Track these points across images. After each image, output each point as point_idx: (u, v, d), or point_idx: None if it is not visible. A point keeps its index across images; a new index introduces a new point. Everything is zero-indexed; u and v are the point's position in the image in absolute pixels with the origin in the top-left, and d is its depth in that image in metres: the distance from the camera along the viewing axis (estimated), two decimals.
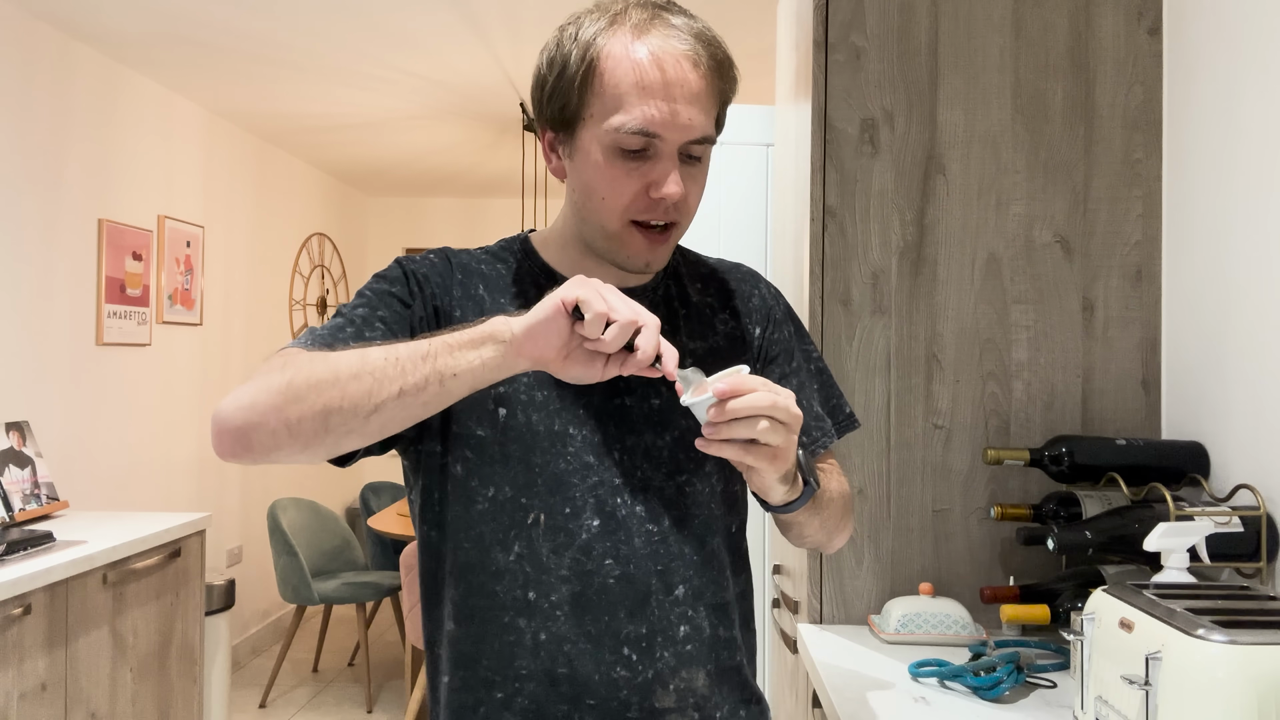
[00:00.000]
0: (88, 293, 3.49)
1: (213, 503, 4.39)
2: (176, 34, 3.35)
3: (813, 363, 1.18)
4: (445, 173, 5.71)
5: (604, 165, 0.99)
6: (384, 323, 1.01)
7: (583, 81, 0.99)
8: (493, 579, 1.02)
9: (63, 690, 2.36)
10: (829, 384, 1.19)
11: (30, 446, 2.91)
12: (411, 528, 3.72)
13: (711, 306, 1.14)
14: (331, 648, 4.82)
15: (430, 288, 1.06)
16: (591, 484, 1.02)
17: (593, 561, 1.01)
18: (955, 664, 1.42)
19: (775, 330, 1.16)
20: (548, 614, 1.01)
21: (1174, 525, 1.25)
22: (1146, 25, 1.73)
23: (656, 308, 1.08)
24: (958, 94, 1.74)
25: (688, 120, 0.97)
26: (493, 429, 1.03)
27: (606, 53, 0.98)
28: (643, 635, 1.01)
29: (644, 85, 0.96)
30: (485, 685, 1.03)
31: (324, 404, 0.88)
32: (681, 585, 1.04)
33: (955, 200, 1.74)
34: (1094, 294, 1.73)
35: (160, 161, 4.00)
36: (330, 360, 0.90)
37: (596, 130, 0.99)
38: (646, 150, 0.98)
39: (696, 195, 1.03)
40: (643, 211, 1.00)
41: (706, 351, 1.10)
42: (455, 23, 3.21)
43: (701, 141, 1.00)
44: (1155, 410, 1.72)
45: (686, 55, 0.97)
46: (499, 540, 1.02)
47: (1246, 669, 0.93)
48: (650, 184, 0.99)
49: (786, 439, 0.88)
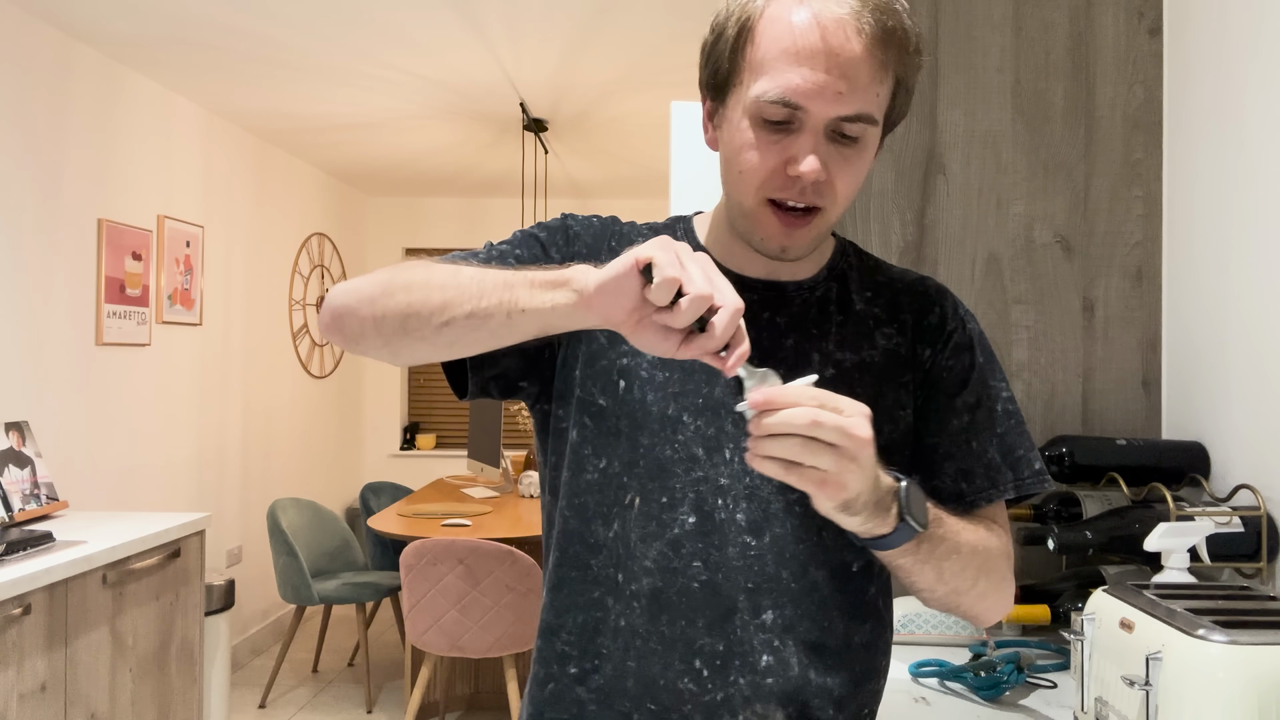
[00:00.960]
0: (87, 293, 3.49)
1: (213, 503, 4.39)
2: (176, 34, 3.35)
3: (999, 403, 1.01)
4: (445, 173, 5.71)
5: (746, 135, 0.91)
6: (517, 259, 0.99)
7: (735, 46, 0.91)
8: (589, 551, 0.98)
9: (62, 690, 2.36)
10: (1017, 431, 1.01)
11: (30, 446, 2.91)
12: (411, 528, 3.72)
13: (877, 318, 1.02)
14: (331, 648, 4.82)
15: (579, 245, 1.02)
16: (695, 478, 0.96)
17: (680, 559, 0.95)
18: (955, 664, 1.42)
19: (952, 356, 1.01)
20: (629, 601, 0.96)
21: (1174, 525, 1.25)
22: (1147, 25, 1.73)
23: (809, 309, 1.00)
24: (958, 94, 1.74)
25: (838, 92, 0.87)
26: (613, 400, 0.98)
27: (764, 16, 0.90)
28: (719, 652, 0.94)
29: (793, 51, 0.87)
30: (560, 659, 0.99)
31: (407, 304, 0.88)
32: (771, 610, 0.95)
33: (955, 200, 1.74)
34: (1094, 294, 1.73)
35: (160, 161, 4.00)
36: (433, 268, 0.90)
37: (743, 98, 0.91)
38: (790, 123, 0.89)
39: (848, 180, 0.92)
40: (779, 189, 0.91)
41: (856, 365, 0.99)
42: (455, 23, 3.21)
43: (855, 119, 0.89)
44: (1155, 410, 1.72)
45: (846, 21, 0.87)
46: (601, 514, 0.98)
47: (1247, 669, 0.93)
48: (789, 159, 0.89)
49: (837, 464, 0.76)
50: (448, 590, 3.23)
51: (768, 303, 1.00)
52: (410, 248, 6.56)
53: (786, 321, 0.99)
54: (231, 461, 4.64)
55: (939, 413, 1.00)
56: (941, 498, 0.97)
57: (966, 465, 0.99)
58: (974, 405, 1.00)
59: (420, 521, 3.84)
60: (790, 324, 0.99)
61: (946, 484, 0.99)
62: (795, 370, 0.94)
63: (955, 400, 1.00)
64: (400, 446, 6.56)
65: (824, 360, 0.98)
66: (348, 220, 6.24)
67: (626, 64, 3.62)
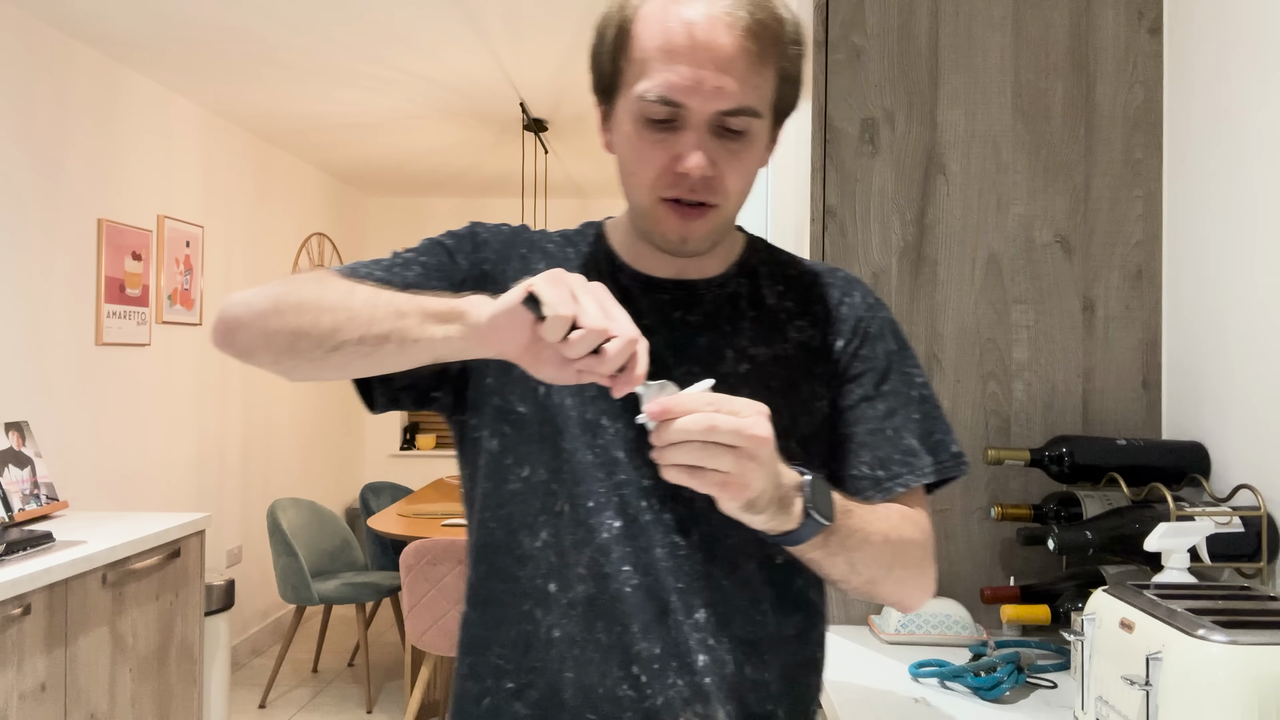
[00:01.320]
0: (87, 293, 3.49)
1: (213, 503, 4.39)
2: (176, 34, 3.35)
3: (915, 389, 1.02)
4: (445, 173, 5.71)
5: (633, 136, 0.92)
6: (423, 267, 0.99)
7: (615, 48, 0.92)
8: (517, 563, 0.97)
9: (62, 690, 2.36)
10: (933, 416, 1.02)
11: (30, 446, 2.91)
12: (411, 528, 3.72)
13: (789, 311, 1.02)
14: (331, 648, 4.82)
15: (486, 252, 1.02)
16: (617, 481, 0.95)
17: (610, 564, 0.94)
18: (955, 664, 1.42)
19: (865, 345, 1.02)
20: (564, 611, 0.95)
21: (1174, 525, 1.25)
22: (1147, 25, 1.73)
23: (720, 306, 1.00)
24: (958, 94, 1.74)
25: (716, 87, 0.87)
26: (533, 406, 0.97)
27: (640, 15, 0.91)
28: (655, 656, 0.93)
29: (668, 49, 0.88)
30: (494, 674, 0.97)
31: (296, 325, 0.87)
32: (704, 609, 0.94)
33: (955, 200, 1.74)
34: (1094, 294, 1.73)
35: (160, 161, 4.00)
36: (327, 285, 0.89)
37: (627, 99, 0.92)
38: (673, 120, 0.89)
39: (738, 174, 0.92)
40: (669, 187, 0.91)
41: (770, 359, 0.99)
42: (455, 23, 3.21)
43: (737, 113, 0.89)
44: (1155, 410, 1.72)
45: (718, 17, 0.87)
46: (526, 524, 0.96)
47: (1247, 669, 0.93)
48: (675, 157, 0.90)
49: (736, 464, 0.77)
50: (448, 590, 3.23)
51: (679, 301, 1.00)
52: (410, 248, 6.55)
53: (699, 320, 1.00)
54: (231, 461, 4.64)
55: (855, 402, 1.00)
56: (861, 486, 0.98)
57: (884, 452, 0.99)
58: (889, 393, 1.01)
59: (420, 521, 3.84)
60: (703, 322, 0.99)
61: (864, 471, 0.99)
62: (710, 368, 0.96)
63: (870, 389, 1.00)
64: (400, 446, 6.56)
65: (738, 356, 0.98)
66: (348, 220, 6.24)
67: None
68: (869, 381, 1.01)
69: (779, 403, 0.93)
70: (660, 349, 0.80)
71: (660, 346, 0.81)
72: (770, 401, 0.93)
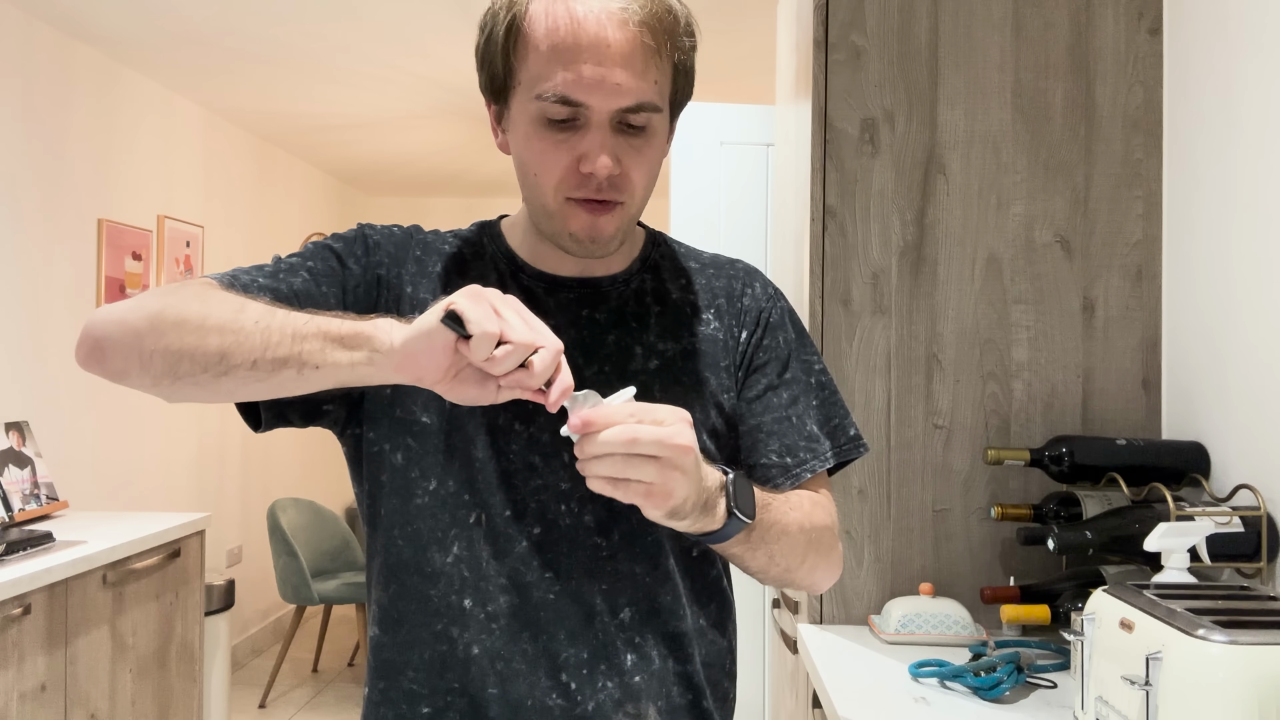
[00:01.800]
0: (88, 293, 3.49)
1: (213, 503, 4.39)
2: (176, 34, 3.35)
3: (813, 375, 1.04)
4: (445, 173, 5.71)
5: (533, 137, 0.90)
6: (310, 273, 0.93)
7: (506, 47, 0.89)
8: (427, 582, 0.93)
9: (62, 690, 2.36)
10: (831, 401, 1.04)
11: (30, 446, 2.91)
12: None
13: (693, 305, 1.02)
14: (331, 648, 4.82)
15: (379, 255, 0.98)
16: (534, 486, 0.93)
17: (532, 573, 0.92)
18: (955, 664, 1.42)
19: (767, 335, 1.03)
20: (483, 626, 0.92)
21: (1174, 525, 1.25)
22: (1146, 25, 1.73)
23: (626, 303, 1.00)
24: (958, 94, 1.74)
25: (615, 84, 0.86)
26: (439, 415, 0.93)
27: (529, 14, 0.88)
28: (584, 661, 0.92)
29: (564, 47, 0.86)
30: (409, 699, 0.94)
31: (179, 347, 0.80)
32: (628, 608, 0.93)
33: (955, 200, 1.74)
34: (1094, 294, 1.73)
35: (160, 161, 4.00)
36: (210, 303, 0.82)
37: (524, 99, 0.89)
38: (575, 120, 0.88)
39: (643, 170, 0.91)
40: (575, 188, 0.90)
41: (679, 354, 0.99)
42: (455, 23, 3.21)
43: (638, 109, 0.88)
44: (1155, 410, 1.72)
45: (611, 13, 0.86)
46: (436, 539, 0.93)
47: (1247, 669, 0.93)
48: (580, 157, 0.88)
49: (660, 474, 0.76)
50: None
51: (585, 300, 0.99)
52: None
53: (606, 317, 0.98)
54: (231, 461, 4.64)
55: (761, 392, 1.01)
56: (770, 474, 0.99)
57: (789, 440, 1.00)
58: (791, 381, 1.02)
59: None
60: (610, 319, 0.98)
61: (772, 459, 1.00)
62: (620, 365, 0.96)
63: (773, 379, 1.01)
64: None
65: (646, 352, 0.98)
66: (348, 220, 6.23)
67: None
68: (772, 371, 1.02)
69: (690, 397, 0.97)
70: (570, 349, 0.79)
71: (570, 346, 0.80)
72: (681, 396, 0.95)
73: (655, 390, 0.96)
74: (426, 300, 0.96)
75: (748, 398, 1.01)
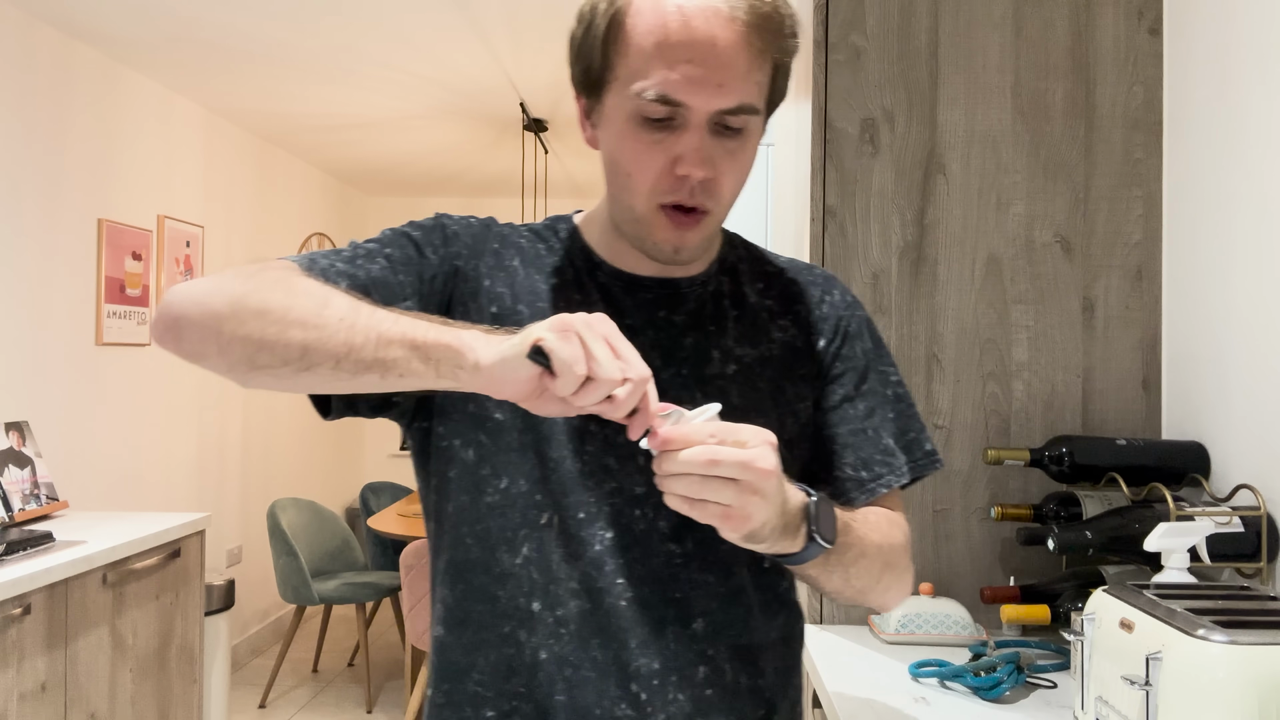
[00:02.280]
0: (87, 293, 3.49)
1: (213, 503, 4.39)
2: (176, 34, 3.35)
3: (890, 387, 1.02)
4: (445, 173, 5.71)
5: (628, 136, 0.87)
6: (388, 259, 0.92)
7: (606, 38, 0.86)
8: (495, 582, 0.91)
9: (62, 690, 2.36)
10: (908, 414, 1.02)
11: (30, 446, 2.91)
12: (411, 528, 3.72)
13: (771, 310, 1.00)
14: (331, 648, 4.82)
15: (457, 246, 0.97)
16: (609, 489, 0.90)
17: (604, 578, 0.89)
18: (955, 664, 1.42)
19: (845, 345, 1.00)
20: (551, 630, 0.89)
21: (1174, 525, 1.25)
22: (1146, 25, 1.73)
23: (704, 305, 0.97)
24: (958, 94, 1.74)
25: (718, 84, 0.83)
26: (513, 412, 0.90)
27: (634, 6, 0.85)
28: (655, 671, 0.89)
29: (668, 44, 0.82)
30: (473, 703, 0.92)
31: (260, 338, 0.78)
32: (701, 618, 0.91)
33: (955, 200, 1.74)
34: (1094, 294, 1.73)
35: (160, 161, 4.00)
36: (295, 292, 0.80)
37: (621, 95, 0.86)
38: (673, 119, 0.84)
39: (733, 176, 0.89)
40: (669, 192, 0.87)
41: (756, 360, 0.97)
42: (455, 23, 3.21)
43: (738, 111, 0.85)
44: (1155, 410, 1.72)
45: (719, 10, 0.82)
46: (506, 539, 0.91)
47: (1247, 669, 0.93)
48: (676, 159, 0.86)
49: (738, 498, 0.75)
50: None
51: (662, 301, 0.97)
52: None
53: (684, 319, 0.97)
54: (231, 461, 4.64)
55: (837, 403, 0.99)
56: (844, 488, 0.98)
57: (866, 454, 0.98)
58: (868, 393, 1.00)
59: (420, 521, 3.83)
60: (687, 321, 0.97)
61: (847, 473, 0.98)
62: (697, 368, 0.94)
63: (850, 389, 0.99)
64: (400, 446, 6.56)
65: (724, 357, 0.96)
66: (348, 220, 6.24)
67: None
68: (849, 381, 1.00)
69: (766, 405, 0.95)
70: (646, 350, 0.77)
71: (646, 347, 0.78)
72: (758, 403, 0.93)
73: (732, 396, 0.93)
74: (503, 295, 0.95)
75: (824, 407, 0.99)
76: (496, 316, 0.94)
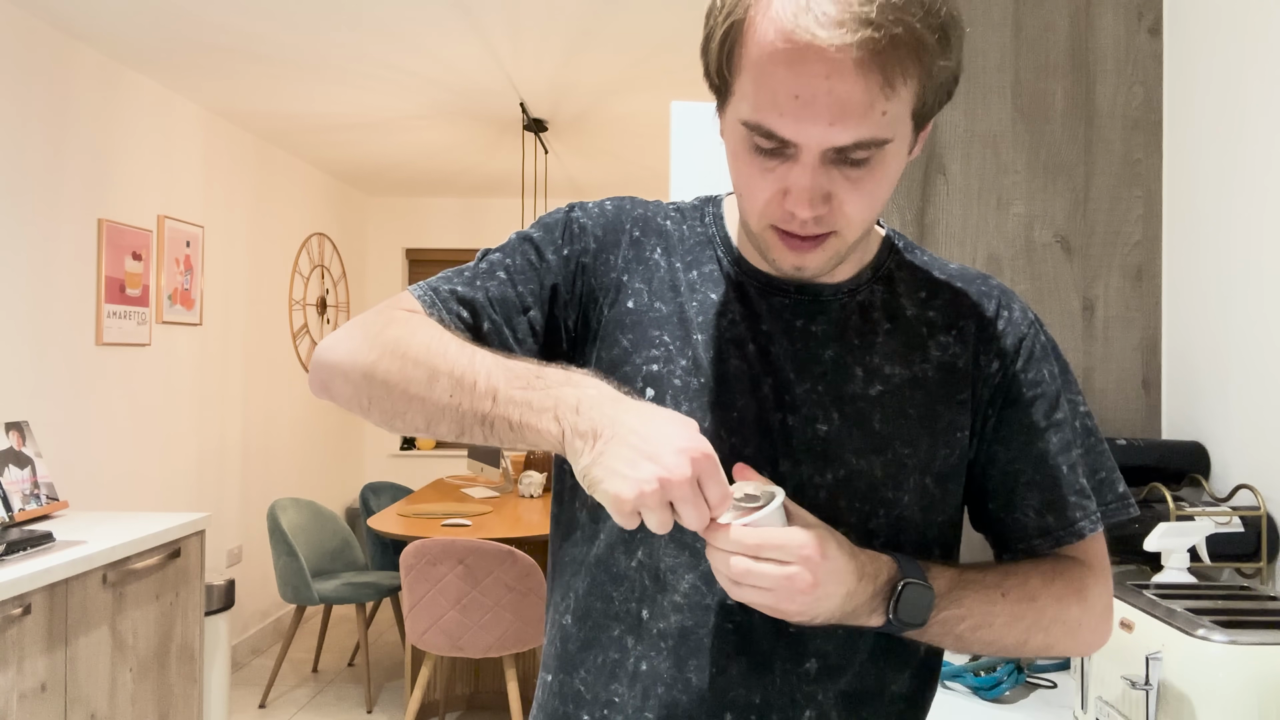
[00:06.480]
0: (87, 293, 3.49)
1: (213, 503, 4.39)
2: (176, 34, 3.35)
3: (1079, 419, 0.90)
4: (445, 173, 5.71)
5: (740, 157, 0.80)
6: (507, 271, 0.89)
7: (723, 50, 0.77)
8: (612, 581, 0.87)
9: (62, 690, 2.36)
10: (1097, 450, 0.91)
11: (30, 446, 2.91)
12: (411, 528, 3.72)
13: (932, 324, 0.89)
14: (331, 648, 4.82)
15: (584, 241, 0.91)
16: None
17: (713, 596, 0.83)
18: (955, 664, 1.42)
19: (1030, 368, 0.89)
20: (654, 642, 0.85)
21: (1174, 525, 1.25)
22: (1146, 25, 1.73)
23: (849, 315, 0.88)
24: (958, 94, 1.73)
25: (830, 122, 0.73)
26: None
27: (748, 22, 0.74)
28: (754, 705, 0.83)
29: (776, 75, 0.73)
30: (575, 700, 0.89)
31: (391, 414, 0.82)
32: (815, 658, 0.84)
33: (955, 200, 1.74)
34: (1094, 294, 1.72)
35: (160, 161, 4.00)
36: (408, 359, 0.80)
37: (733, 115, 0.79)
38: (784, 149, 0.76)
39: (861, 203, 0.78)
40: (780, 219, 0.79)
41: (907, 381, 0.86)
42: (455, 23, 3.21)
43: (855, 148, 0.74)
44: (1155, 410, 1.72)
45: (838, 36, 0.70)
46: (624, 540, 0.87)
47: (1246, 669, 0.93)
48: (785, 190, 0.78)
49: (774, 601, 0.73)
50: (448, 590, 3.23)
51: (800, 308, 0.88)
52: (410, 248, 6.56)
53: (823, 330, 0.87)
54: (231, 461, 4.64)
55: (1018, 435, 0.88)
56: (1025, 533, 0.89)
57: (1052, 495, 0.88)
58: (1058, 424, 0.88)
59: (420, 521, 3.84)
60: (828, 333, 0.87)
61: (1030, 517, 0.89)
62: (835, 385, 0.86)
63: (1036, 420, 0.88)
64: (400, 446, 6.56)
65: (868, 375, 0.86)
66: (348, 220, 6.24)
67: (626, 64, 3.62)
68: (1038, 411, 0.88)
69: (917, 432, 0.86)
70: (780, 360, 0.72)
71: (781, 357, 0.73)
72: (905, 430, 0.85)
73: (875, 420, 0.85)
74: (641, 291, 0.90)
75: (1002, 438, 0.89)
76: (632, 312, 0.90)
